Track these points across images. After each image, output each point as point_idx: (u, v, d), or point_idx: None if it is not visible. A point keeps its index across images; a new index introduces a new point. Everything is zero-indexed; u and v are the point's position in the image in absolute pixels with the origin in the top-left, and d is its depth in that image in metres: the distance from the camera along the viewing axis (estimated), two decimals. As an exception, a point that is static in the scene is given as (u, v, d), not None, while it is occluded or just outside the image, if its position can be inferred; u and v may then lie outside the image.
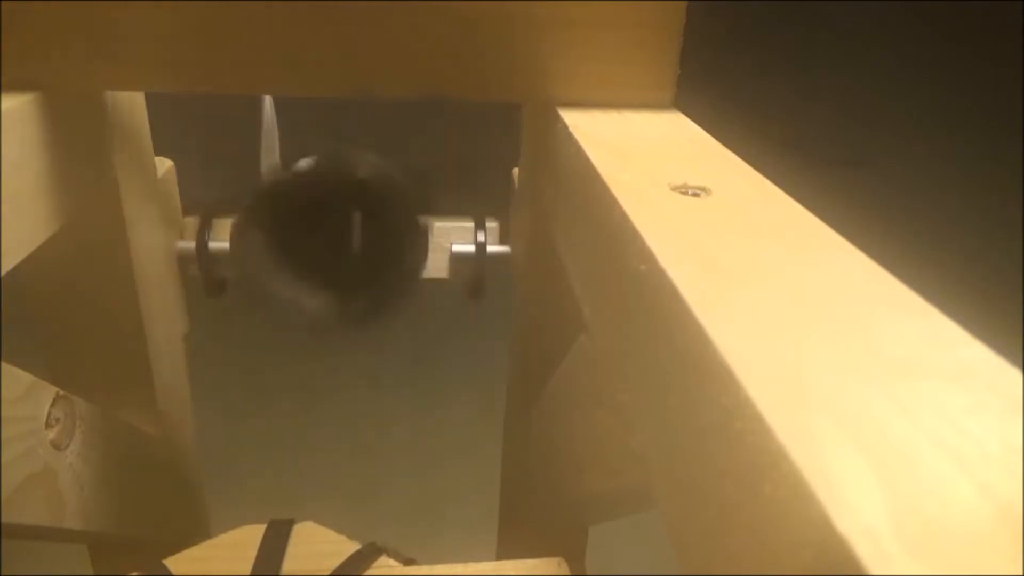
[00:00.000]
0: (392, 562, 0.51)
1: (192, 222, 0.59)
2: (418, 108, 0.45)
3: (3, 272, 0.37)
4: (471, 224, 0.60)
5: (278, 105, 0.57)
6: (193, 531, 0.64)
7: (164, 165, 0.57)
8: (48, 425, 0.43)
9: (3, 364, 0.38)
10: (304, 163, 0.46)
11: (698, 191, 0.31)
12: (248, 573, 0.49)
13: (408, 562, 0.52)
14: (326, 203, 0.45)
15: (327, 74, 0.43)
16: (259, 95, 0.55)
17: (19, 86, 0.41)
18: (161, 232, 0.56)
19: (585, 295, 0.37)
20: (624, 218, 0.28)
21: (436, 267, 0.59)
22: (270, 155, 0.56)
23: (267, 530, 0.52)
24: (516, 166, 0.58)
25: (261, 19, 0.41)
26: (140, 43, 0.41)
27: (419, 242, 0.47)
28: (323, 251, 0.46)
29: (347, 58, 0.42)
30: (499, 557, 0.69)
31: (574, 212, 0.40)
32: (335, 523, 0.54)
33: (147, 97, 0.52)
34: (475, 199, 0.62)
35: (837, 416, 0.17)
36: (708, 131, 0.40)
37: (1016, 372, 0.18)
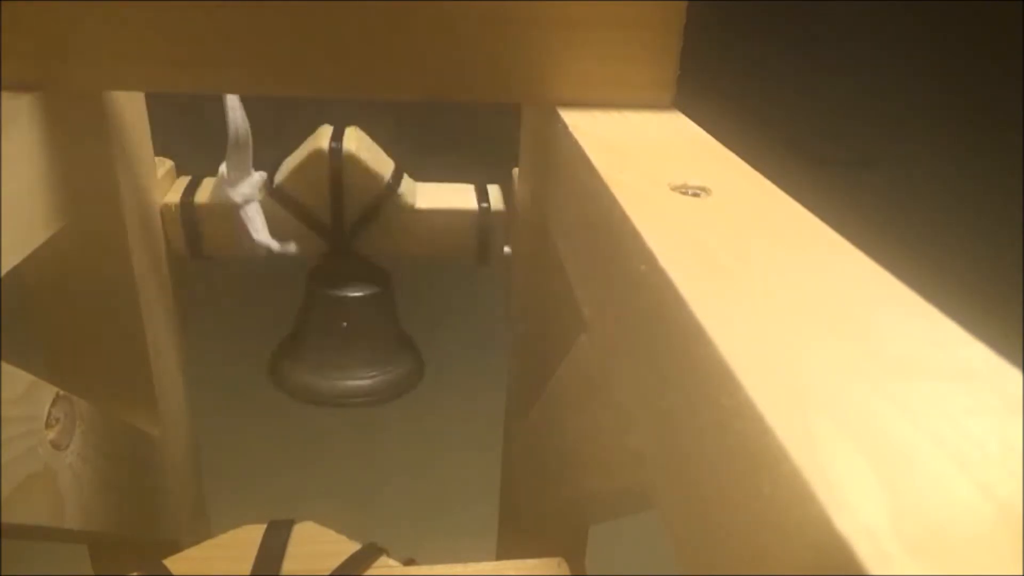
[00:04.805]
0: (392, 562, 0.51)
1: (183, 182, 0.59)
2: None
3: (3, 272, 0.37)
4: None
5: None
6: (193, 531, 0.64)
7: (164, 165, 0.57)
8: (48, 425, 0.43)
9: (3, 364, 0.38)
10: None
11: (698, 191, 0.31)
12: (248, 573, 0.49)
13: (408, 562, 0.52)
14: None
15: (327, 75, 0.43)
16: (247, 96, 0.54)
17: (19, 86, 0.41)
18: (161, 232, 0.56)
19: (585, 295, 0.37)
20: (624, 218, 0.28)
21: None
22: (239, 153, 0.55)
23: (267, 530, 0.52)
24: (516, 166, 0.58)
25: (260, 20, 0.41)
26: (140, 43, 0.41)
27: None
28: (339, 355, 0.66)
29: (347, 59, 0.42)
30: (499, 557, 0.69)
31: (574, 213, 0.40)
32: (335, 523, 0.54)
33: (147, 97, 0.52)
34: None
35: (837, 416, 0.17)
36: (708, 131, 0.40)
37: (1016, 372, 0.18)
